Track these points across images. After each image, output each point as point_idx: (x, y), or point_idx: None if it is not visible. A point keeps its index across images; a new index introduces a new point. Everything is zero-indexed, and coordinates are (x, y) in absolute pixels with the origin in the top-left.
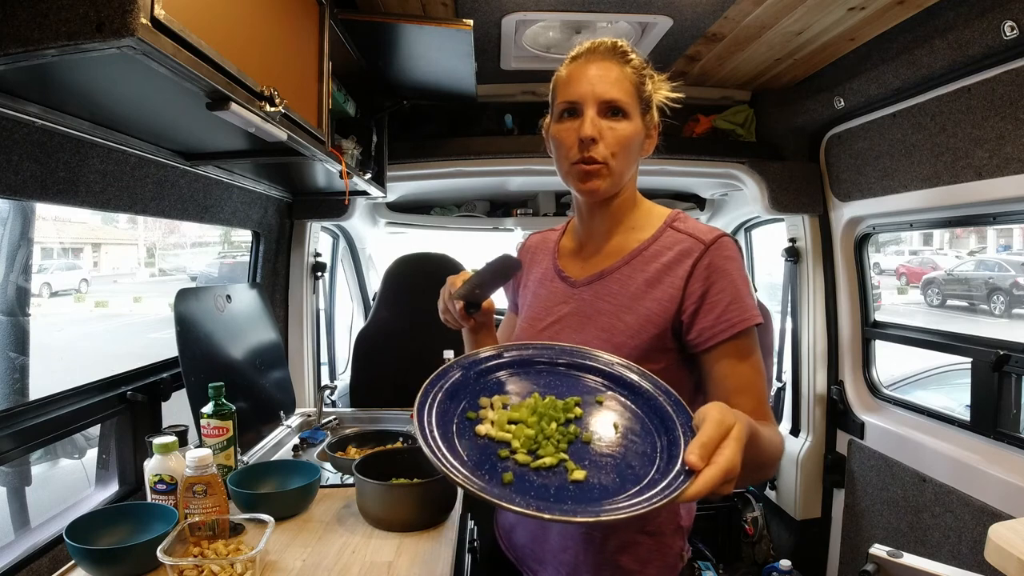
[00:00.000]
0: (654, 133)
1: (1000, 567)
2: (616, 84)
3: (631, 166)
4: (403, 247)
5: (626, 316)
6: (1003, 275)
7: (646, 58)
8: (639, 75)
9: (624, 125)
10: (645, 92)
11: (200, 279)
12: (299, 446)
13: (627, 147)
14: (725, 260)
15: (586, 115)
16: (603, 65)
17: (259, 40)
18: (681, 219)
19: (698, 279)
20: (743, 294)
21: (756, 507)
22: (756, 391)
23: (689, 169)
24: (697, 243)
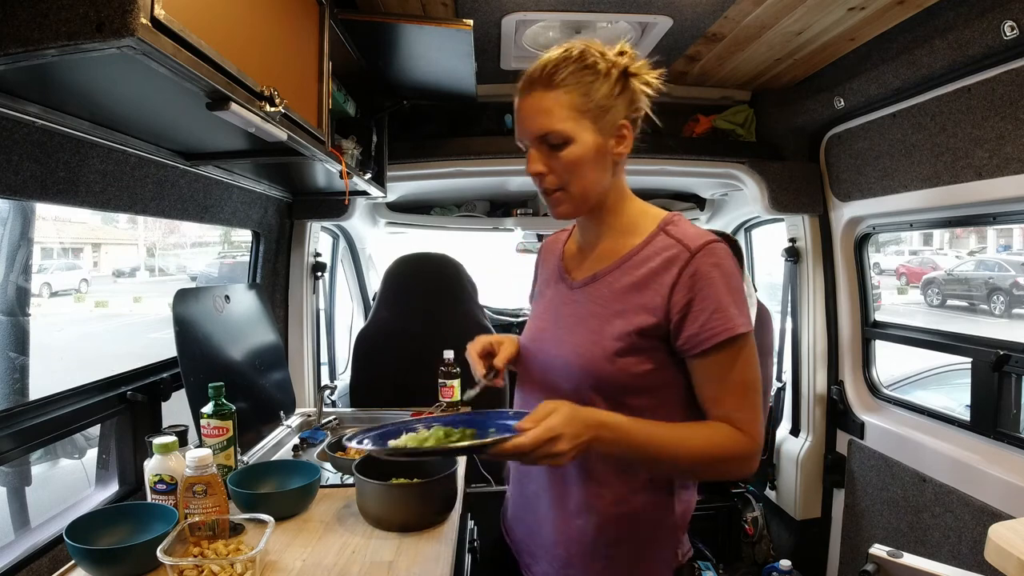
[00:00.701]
0: (625, 131)
1: (1000, 567)
2: (547, 114)
3: (598, 180)
4: (403, 247)
5: (614, 320)
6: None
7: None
8: (580, 86)
9: (568, 151)
10: (594, 100)
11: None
12: (299, 446)
13: (578, 170)
14: (711, 268)
15: (529, 153)
16: (533, 97)
17: (259, 40)
18: (675, 223)
19: (683, 287)
20: (726, 304)
21: (756, 507)
22: (729, 400)
23: (689, 169)
24: (684, 250)
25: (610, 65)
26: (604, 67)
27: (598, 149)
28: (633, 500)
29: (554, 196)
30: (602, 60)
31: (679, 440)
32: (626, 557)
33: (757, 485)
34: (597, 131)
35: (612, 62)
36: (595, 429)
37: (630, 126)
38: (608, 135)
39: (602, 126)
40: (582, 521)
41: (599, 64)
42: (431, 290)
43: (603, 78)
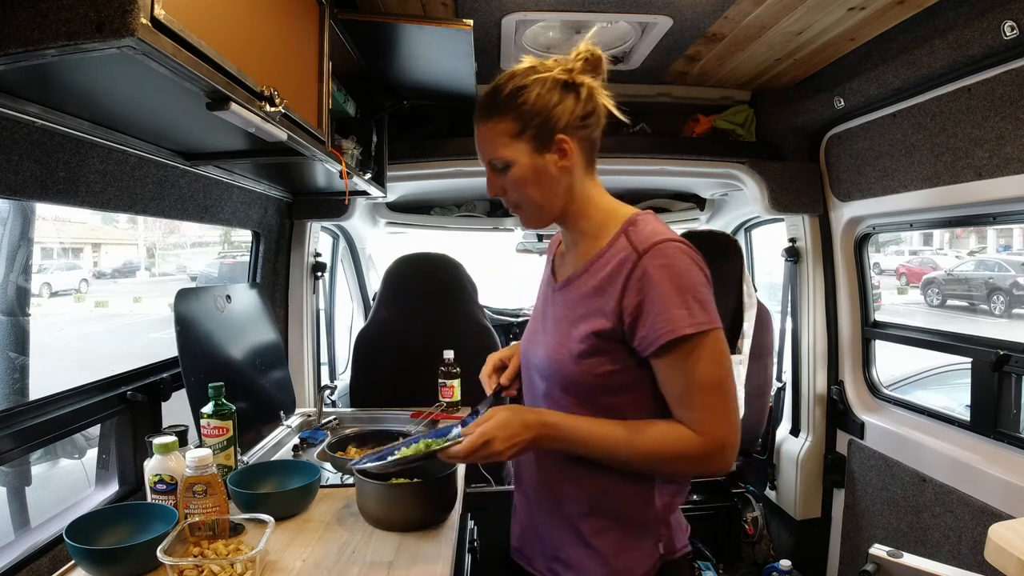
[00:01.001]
0: (565, 145)
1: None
2: (490, 143)
3: (549, 192)
4: (403, 247)
5: (579, 323)
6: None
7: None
8: (511, 109)
9: (512, 172)
10: (526, 121)
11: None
12: (299, 446)
13: (525, 188)
14: (658, 269)
15: (487, 176)
16: (479, 127)
17: (259, 40)
18: (636, 223)
19: (632, 290)
20: (670, 305)
21: (756, 507)
22: (686, 399)
23: (689, 169)
24: (633, 252)
25: (545, 78)
26: (539, 83)
27: (536, 168)
28: (614, 493)
29: (516, 212)
30: (536, 76)
31: (627, 440)
32: (610, 546)
33: (757, 485)
34: (533, 151)
35: (548, 75)
36: (536, 429)
37: (569, 139)
38: (547, 151)
39: (538, 145)
40: (568, 510)
41: (532, 82)
42: (431, 290)
43: (536, 95)
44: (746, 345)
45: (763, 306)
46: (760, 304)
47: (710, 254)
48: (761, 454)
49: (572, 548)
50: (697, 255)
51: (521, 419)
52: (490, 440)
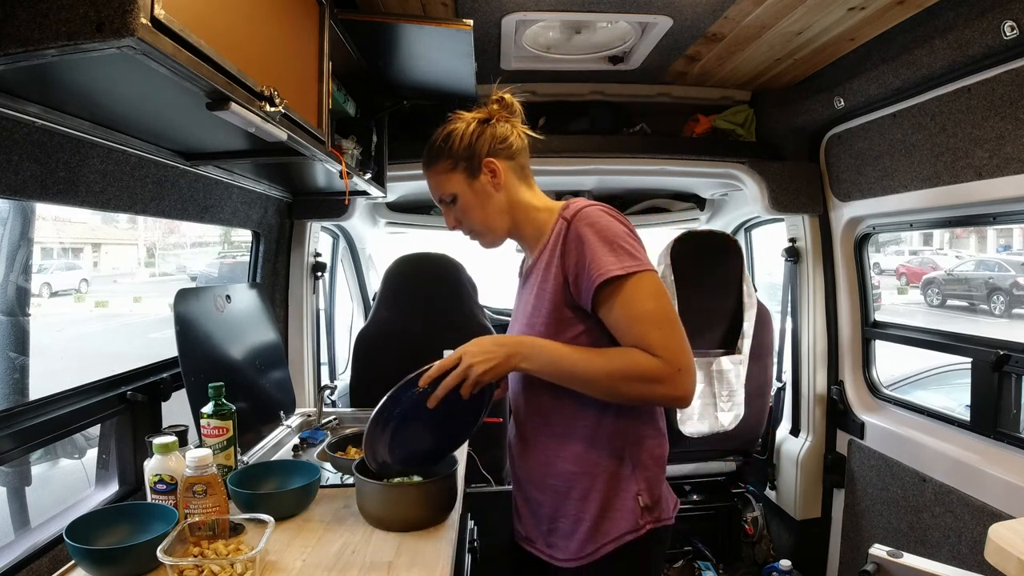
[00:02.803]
0: (492, 166)
1: (1000, 567)
2: (436, 185)
3: (493, 212)
4: (403, 247)
5: (539, 304)
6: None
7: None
8: (441, 156)
9: (459, 202)
10: (457, 157)
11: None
12: (299, 446)
13: (471, 213)
14: (585, 228)
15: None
16: (428, 177)
17: (259, 40)
18: (568, 206)
19: (569, 252)
20: (599, 254)
21: (756, 507)
22: (631, 329)
23: (689, 169)
24: (563, 222)
25: (466, 123)
26: (460, 129)
27: (475, 190)
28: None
29: (474, 237)
30: (457, 124)
31: (594, 355)
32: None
33: (757, 485)
34: (468, 178)
35: (467, 122)
36: (511, 346)
37: (494, 160)
38: (479, 175)
39: (470, 172)
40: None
41: (455, 129)
42: (431, 290)
43: (458, 138)
44: (746, 345)
45: (763, 306)
46: (760, 304)
47: (710, 254)
48: (761, 454)
49: (564, 520)
50: (619, 214)
51: (494, 339)
52: (463, 355)
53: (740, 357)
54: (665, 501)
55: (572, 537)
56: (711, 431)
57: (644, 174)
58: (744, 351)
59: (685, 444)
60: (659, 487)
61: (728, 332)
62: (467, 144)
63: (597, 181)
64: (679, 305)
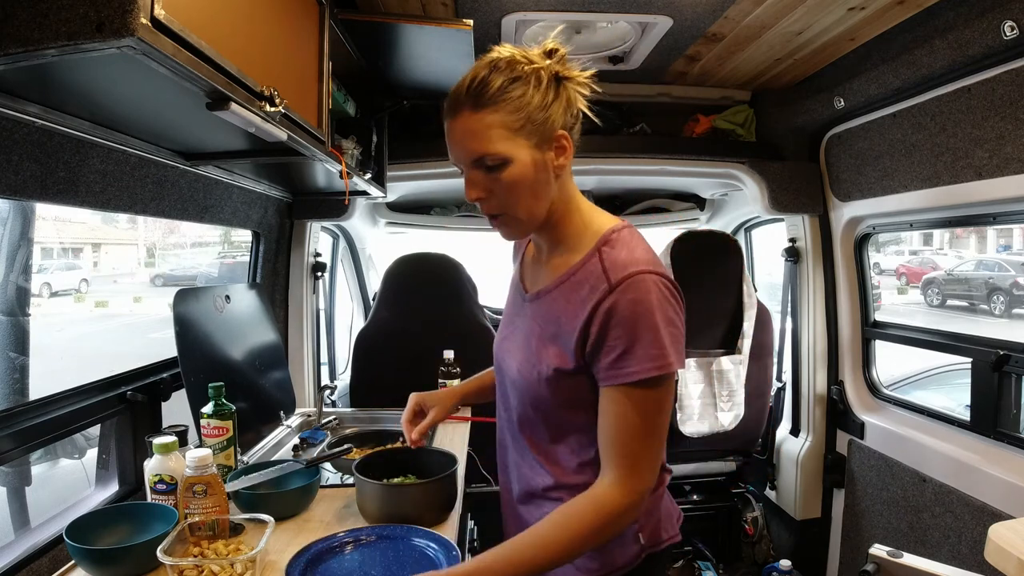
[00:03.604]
0: (563, 142)
1: (1000, 567)
2: (477, 136)
3: (540, 198)
4: (403, 247)
5: (550, 344)
6: (1003, 275)
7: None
8: (508, 101)
9: (506, 173)
10: (527, 113)
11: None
12: (299, 446)
13: (518, 191)
14: (630, 304)
15: (466, 177)
16: (461, 120)
17: (259, 40)
18: (611, 243)
19: (597, 322)
20: (637, 345)
21: (756, 507)
22: (615, 445)
23: (689, 169)
24: (604, 281)
25: (539, 70)
26: (533, 75)
27: (537, 166)
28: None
29: (500, 220)
30: (530, 67)
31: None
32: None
33: (757, 485)
34: (534, 146)
35: (541, 67)
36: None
37: (568, 135)
38: (546, 148)
39: (539, 140)
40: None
41: (528, 73)
42: (431, 290)
43: (534, 88)
44: (746, 345)
45: (763, 306)
46: (760, 304)
47: (710, 254)
48: (761, 454)
49: None
50: (671, 286)
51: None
52: None
53: (740, 357)
54: (666, 520)
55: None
56: (711, 431)
57: (644, 174)
58: (744, 351)
59: (685, 444)
60: (657, 512)
61: (728, 332)
62: (541, 104)
63: (597, 181)
64: None
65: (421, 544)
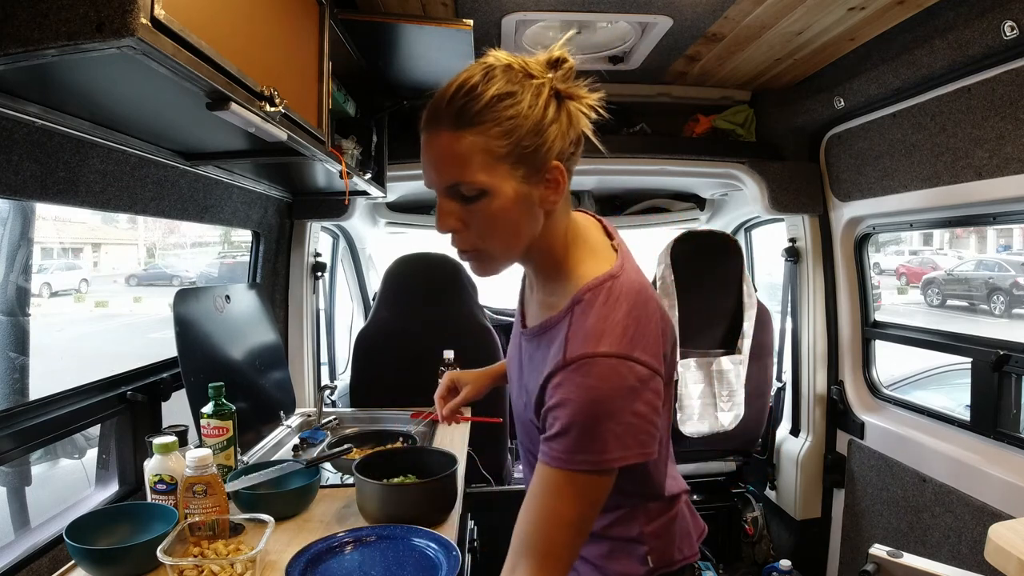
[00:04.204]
0: (558, 175)
1: (1000, 567)
2: (455, 160)
3: (520, 235)
4: (403, 247)
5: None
6: (1003, 275)
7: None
8: (494, 125)
9: (483, 205)
10: (513, 139)
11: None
12: (299, 446)
13: (497, 227)
14: (576, 389)
15: (440, 206)
16: (438, 138)
17: (259, 40)
18: (584, 303)
19: (548, 394)
20: (572, 433)
21: (756, 507)
22: (531, 530)
23: (689, 169)
24: (561, 351)
25: (539, 86)
26: (531, 90)
27: (521, 201)
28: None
29: (472, 256)
30: (528, 81)
31: None
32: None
33: (757, 485)
34: (520, 178)
35: (541, 82)
36: None
37: (563, 168)
38: (535, 181)
39: (527, 171)
40: None
41: (524, 88)
42: (431, 290)
43: (528, 106)
44: (746, 345)
45: (763, 306)
46: (760, 304)
47: (710, 254)
48: (761, 454)
49: None
50: (637, 366)
51: None
52: None
53: (740, 357)
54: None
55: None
56: (711, 431)
57: (644, 174)
58: (744, 351)
59: (685, 444)
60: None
61: (728, 332)
62: (535, 126)
63: (597, 181)
64: (679, 305)
65: (421, 544)
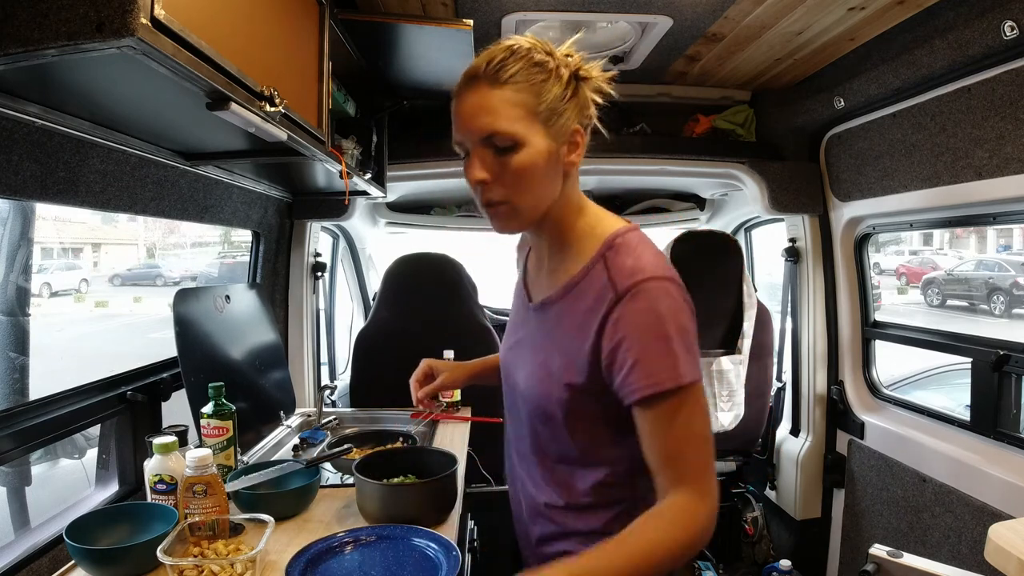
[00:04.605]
0: (578, 138)
1: (1000, 567)
2: (493, 112)
3: (545, 191)
4: (403, 247)
5: (557, 356)
6: (1003, 275)
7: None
8: (530, 85)
9: (516, 157)
10: (545, 102)
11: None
12: (299, 446)
13: (526, 178)
14: (637, 314)
15: (472, 156)
16: (476, 94)
17: (259, 40)
18: (616, 248)
19: (608, 335)
20: (651, 355)
21: (756, 507)
22: (662, 457)
23: (689, 169)
24: (610, 289)
25: (560, 65)
26: (554, 66)
27: (550, 156)
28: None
29: (499, 209)
30: (552, 59)
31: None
32: None
33: (757, 485)
34: (549, 136)
35: (562, 62)
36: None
37: (583, 132)
38: (560, 141)
39: (554, 131)
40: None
41: (549, 63)
42: (431, 290)
43: (554, 78)
44: (746, 345)
45: (763, 306)
46: (760, 304)
47: (710, 254)
48: (761, 454)
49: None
50: (682, 289)
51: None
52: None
53: (740, 357)
54: None
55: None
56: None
57: (644, 174)
58: (744, 351)
59: None
60: None
61: (728, 332)
62: (561, 94)
63: (597, 181)
64: None
65: (421, 544)
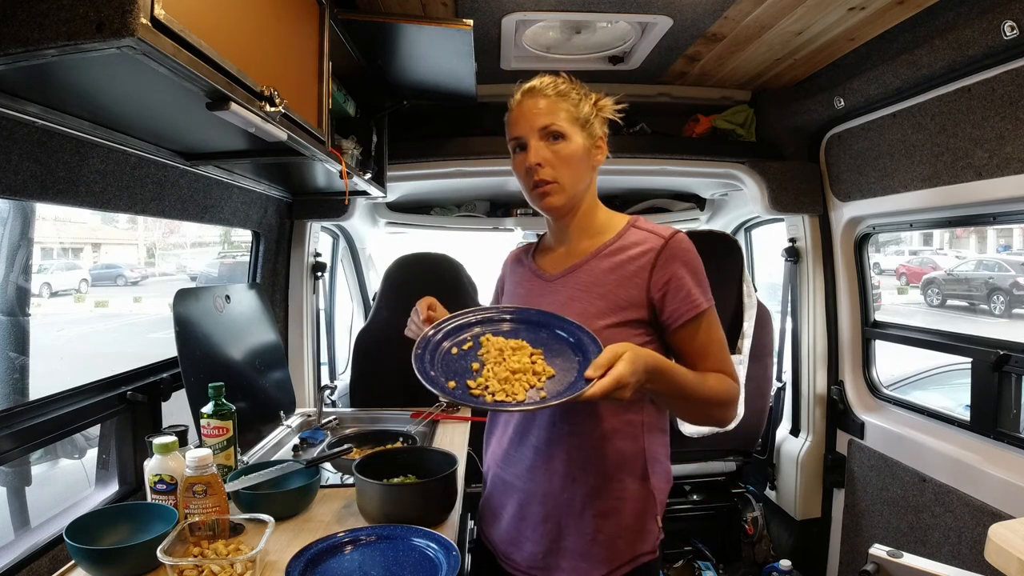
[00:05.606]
0: (601, 144)
1: (1000, 567)
2: (549, 112)
3: (583, 178)
4: (403, 247)
5: (596, 301)
6: (1003, 275)
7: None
8: (572, 100)
9: (564, 145)
10: (582, 113)
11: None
12: (299, 446)
13: (572, 163)
14: (685, 252)
15: (530, 146)
16: (536, 100)
17: (259, 40)
18: (641, 221)
19: (661, 268)
20: (691, 284)
21: (756, 507)
22: (714, 355)
23: (689, 169)
24: (658, 238)
25: (585, 94)
26: (584, 92)
27: (586, 151)
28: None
29: (548, 187)
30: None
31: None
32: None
33: (757, 485)
34: (585, 136)
35: (584, 93)
36: (651, 374)
37: (606, 139)
38: (591, 143)
39: (588, 133)
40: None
41: (580, 90)
42: (431, 290)
43: (591, 106)
44: (746, 345)
45: (763, 306)
46: (760, 304)
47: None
48: (761, 454)
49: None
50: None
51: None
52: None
53: (740, 357)
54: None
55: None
56: (711, 431)
57: (644, 174)
58: (744, 351)
59: (685, 444)
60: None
61: (728, 332)
62: (588, 112)
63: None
64: None
65: (421, 544)
